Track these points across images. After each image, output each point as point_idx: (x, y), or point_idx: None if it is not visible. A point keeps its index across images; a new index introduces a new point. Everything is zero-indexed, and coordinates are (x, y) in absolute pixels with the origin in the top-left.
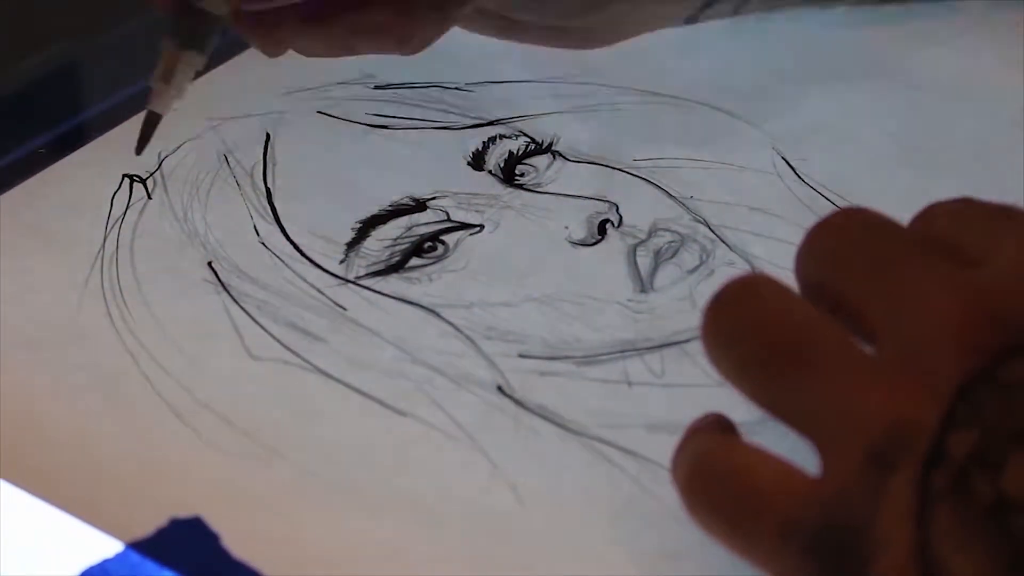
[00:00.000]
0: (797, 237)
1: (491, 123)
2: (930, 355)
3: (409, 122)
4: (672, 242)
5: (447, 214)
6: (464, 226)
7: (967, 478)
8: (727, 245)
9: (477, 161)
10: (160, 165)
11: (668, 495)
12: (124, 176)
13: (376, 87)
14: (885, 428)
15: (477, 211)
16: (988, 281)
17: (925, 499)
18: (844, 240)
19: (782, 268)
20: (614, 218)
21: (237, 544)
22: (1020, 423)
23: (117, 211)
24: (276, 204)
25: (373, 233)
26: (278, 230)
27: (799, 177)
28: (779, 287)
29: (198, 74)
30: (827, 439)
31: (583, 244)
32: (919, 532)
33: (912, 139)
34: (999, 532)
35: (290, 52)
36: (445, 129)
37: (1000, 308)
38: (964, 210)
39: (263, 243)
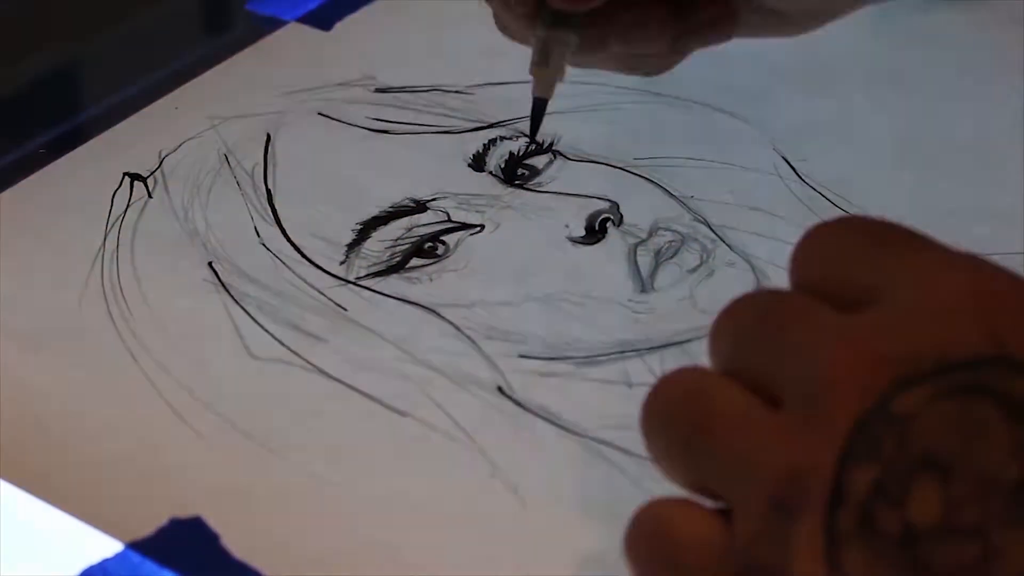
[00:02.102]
0: (797, 237)
1: (491, 125)
2: (822, 402)
3: (409, 127)
4: (673, 242)
5: (447, 215)
6: (464, 226)
7: (872, 513)
8: (728, 245)
9: (478, 162)
10: (161, 164)
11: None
12: (125, 175)
13: (377, 90)
14: (784, 476)
15: (478, 211)
16: (874, 322)
17: (833, 539)
18: (737, 320)
19: (782, 268)
20: (615, 217)
21: (237, 544)
22: (917, 452)
23: (118, 210)
24: (277, 205)
25: (374, 234)
26: (279, 232)
27: (800, 177)
28: (701, 373)
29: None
30: (735, 496)
31: (583, 243)
32: (833, 572)
33: (912, 139)
34: (912, 562)
35: (290, 51)
36: (446, 133)
37: (886, 345)
38: (845, 245)
39: (264, 244)
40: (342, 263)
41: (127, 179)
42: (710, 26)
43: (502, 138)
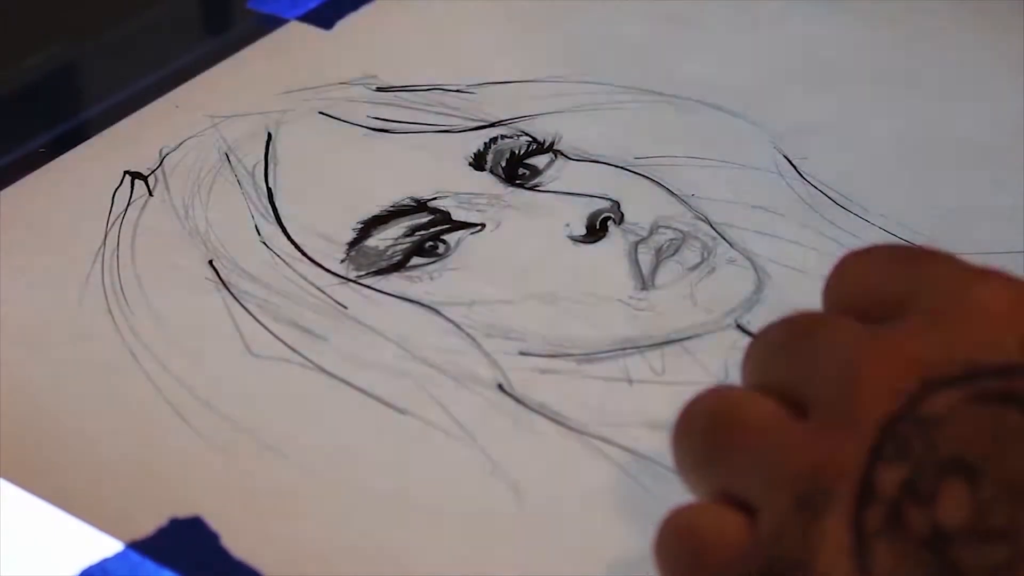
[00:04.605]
0: (798, 235)
1: (492, 125)
2: (850, 401)
3: (410, 126)
4: (673, 239)
5: (448, 214)
6: (465, 225)
7: (901, 512)
8: (728, 243)
9: (478, 162)
10: (162, 162)
11: (668, 494)
12: (125, 173)
13: (378, 89)
14: (809, 473)
15: (478, 211)
16: (904, 327)
17: (861, 536)
18: (767, 338)
19: (783, 265)
20: (615, 215)
21: (237, 544)
22: (947, 454)
23: (118, 208)
24: (277, 204)
25: (374, 233)
26: (279, 230)
27: (800, 175)
28: (729, 388)
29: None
30: (760, 495)
31: (584, 241)
32: (860, 569)
33: (913, 138)
34: (939, 563)
35: (291, 50)
36: (446, 132)
37: (916, 347)
38: (874, 265)
39: (264, 242)
40: (343, 261)
41: (128, 177)
42: None
43: (503, 137)
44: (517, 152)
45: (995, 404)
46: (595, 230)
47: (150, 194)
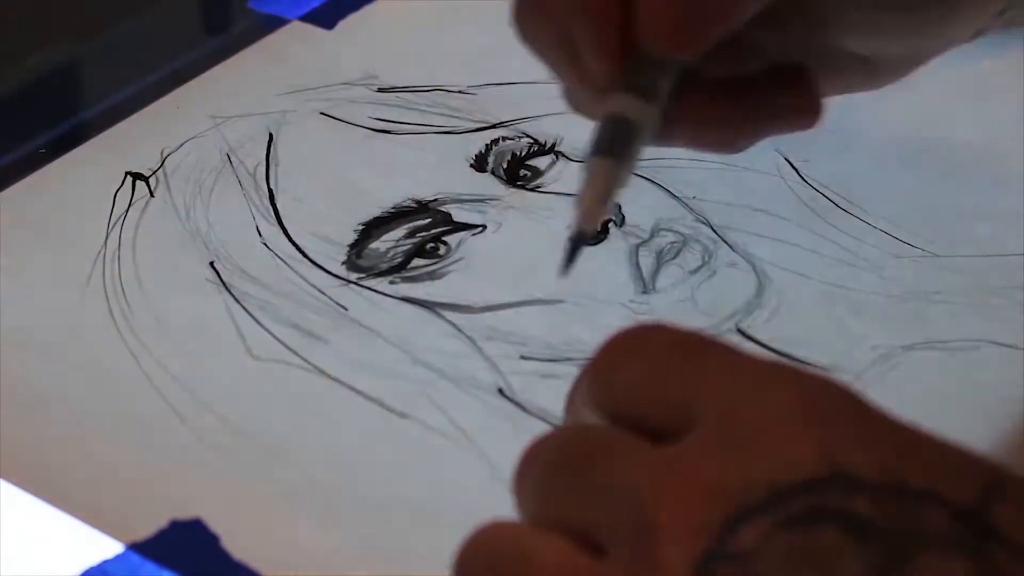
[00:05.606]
0: (800, 238)
1: (494, 126)
2: (652, 546)
3: (412, 127)
4: (674, 242)
5: (449, 215)
6: (466, 227)
7: None
8: (729, 246)
9: (480, 163)
10: (163, 163)
11: None
12: (127, 174)
13: (379, 90)
14: None
15: (480, 212)
16: (695, 450)
17: None
18: (542, 464)
19: (784, 269)
20: (616, 218)
21: (237, 545)
22: None
23: (119, 209)
24: (278, 206)
25: (375, 235)
26: (280, 231)
27: (802, 178)
28: (513, 528)
29: None
30: None
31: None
32: None
33: (914, 140)
34: None
35: (293, 50)
36: (448, 133)
37: (712, 475)
38: (650, 362)
39: (265, 244)
40: (343, 263)
41: (129, 178)
42: (788, 117)
43: (504, 138)
44: (519, 153)
45: (806, 526)
46: (596, 233)
47: (151, 195)
